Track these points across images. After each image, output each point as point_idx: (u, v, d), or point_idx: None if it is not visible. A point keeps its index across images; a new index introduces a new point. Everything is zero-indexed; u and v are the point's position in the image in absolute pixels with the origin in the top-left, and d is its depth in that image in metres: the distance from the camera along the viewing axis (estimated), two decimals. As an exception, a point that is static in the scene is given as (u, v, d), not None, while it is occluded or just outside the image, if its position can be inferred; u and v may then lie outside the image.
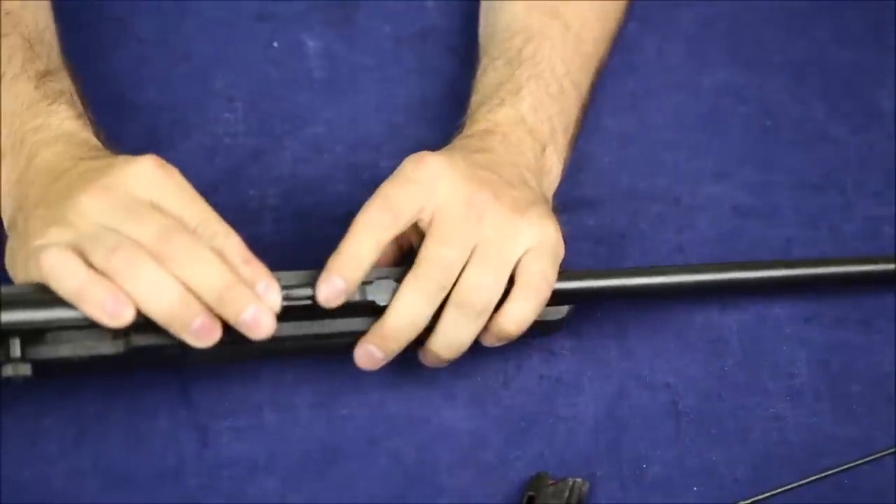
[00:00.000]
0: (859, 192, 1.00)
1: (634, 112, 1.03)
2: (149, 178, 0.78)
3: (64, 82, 0.87)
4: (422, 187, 0.82)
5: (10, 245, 0.82)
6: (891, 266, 0.93)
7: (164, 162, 0.79)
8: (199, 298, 0.77)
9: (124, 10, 1.03)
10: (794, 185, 1.00)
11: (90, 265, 0.76)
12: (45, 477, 0.82)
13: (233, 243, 0.78)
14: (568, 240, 0.86)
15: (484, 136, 0.89)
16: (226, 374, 0.87)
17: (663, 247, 0.96)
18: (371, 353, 0.83)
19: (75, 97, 0.87)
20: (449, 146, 0.89)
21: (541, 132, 0.91)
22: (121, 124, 0.96)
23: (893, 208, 0.99)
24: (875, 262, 0.93)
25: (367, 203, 0.82)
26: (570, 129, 0.94)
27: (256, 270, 0.78)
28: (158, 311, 0.76)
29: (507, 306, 0.83)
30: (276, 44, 1.04)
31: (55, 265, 0.76)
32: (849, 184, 1.01)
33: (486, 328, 0.84)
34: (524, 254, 0.83)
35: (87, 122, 0.86)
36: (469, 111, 0.93)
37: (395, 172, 0.83)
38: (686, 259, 0.96)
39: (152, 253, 0.76)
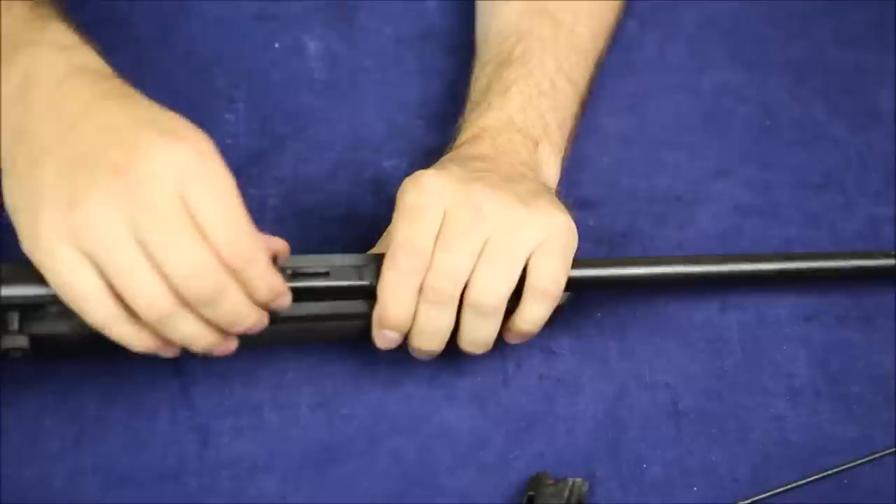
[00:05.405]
0: (860, 192, 1.00)
1: (634, 112, 1.03)
2: (185, 173, 0.74)
3: (49, 8, 0.81)
4: (431, 211, 0.82)
5: (7, 183, 0.76)
6: (891, 261, 0.93)
7: (205, 149, 0.75)
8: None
9: (124, 10, 1.03)
10: (794, 184, 1.00)
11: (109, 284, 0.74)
12: (46, 476, 0.82)
13: (261, 274, 0.77)
14: (569, 239, 0.86)
15: (474, 143, 0.89)
16: (226, 374, 0.87)
17: (664, 246, 0.96)
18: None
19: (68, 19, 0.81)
20: (442, 160, 0.88)
21: (532, 129, 0.91)
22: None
23: (893, 208, 0.99)
24: (875, 257, 0.93)
25: (390, 253, 0.82)
26: (567, 124, 0.94)
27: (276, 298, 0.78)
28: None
29: (520, 308, 0.83)
30: (276, 44, 1.04)
31: (75, 288, 0.73)
32: (849, 183, 1.01)
33: (507, 329, 0.84)
34: (535, 250, 0.83)
35: (86, 39, 0.80)
36: (461, 118, 0.93)
37: (401, 205, 0.82)
38: (686, 258, 0.96)
39: (177, 292, 0.74)
